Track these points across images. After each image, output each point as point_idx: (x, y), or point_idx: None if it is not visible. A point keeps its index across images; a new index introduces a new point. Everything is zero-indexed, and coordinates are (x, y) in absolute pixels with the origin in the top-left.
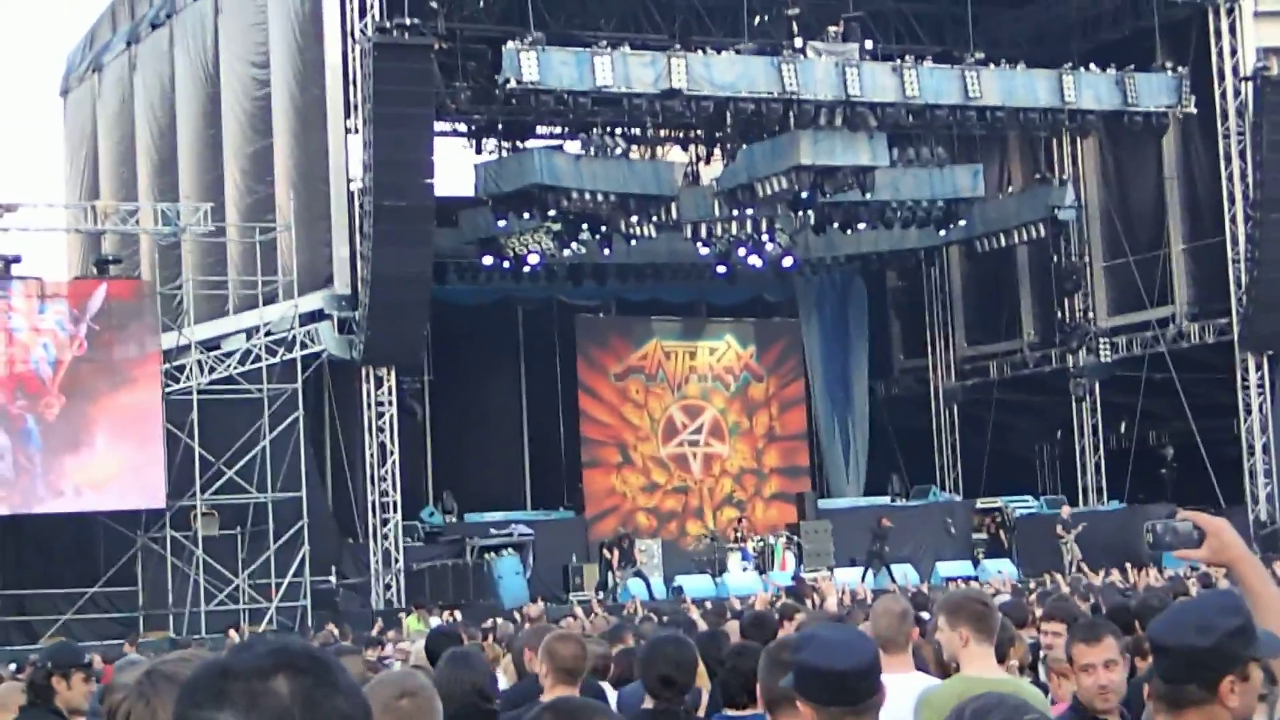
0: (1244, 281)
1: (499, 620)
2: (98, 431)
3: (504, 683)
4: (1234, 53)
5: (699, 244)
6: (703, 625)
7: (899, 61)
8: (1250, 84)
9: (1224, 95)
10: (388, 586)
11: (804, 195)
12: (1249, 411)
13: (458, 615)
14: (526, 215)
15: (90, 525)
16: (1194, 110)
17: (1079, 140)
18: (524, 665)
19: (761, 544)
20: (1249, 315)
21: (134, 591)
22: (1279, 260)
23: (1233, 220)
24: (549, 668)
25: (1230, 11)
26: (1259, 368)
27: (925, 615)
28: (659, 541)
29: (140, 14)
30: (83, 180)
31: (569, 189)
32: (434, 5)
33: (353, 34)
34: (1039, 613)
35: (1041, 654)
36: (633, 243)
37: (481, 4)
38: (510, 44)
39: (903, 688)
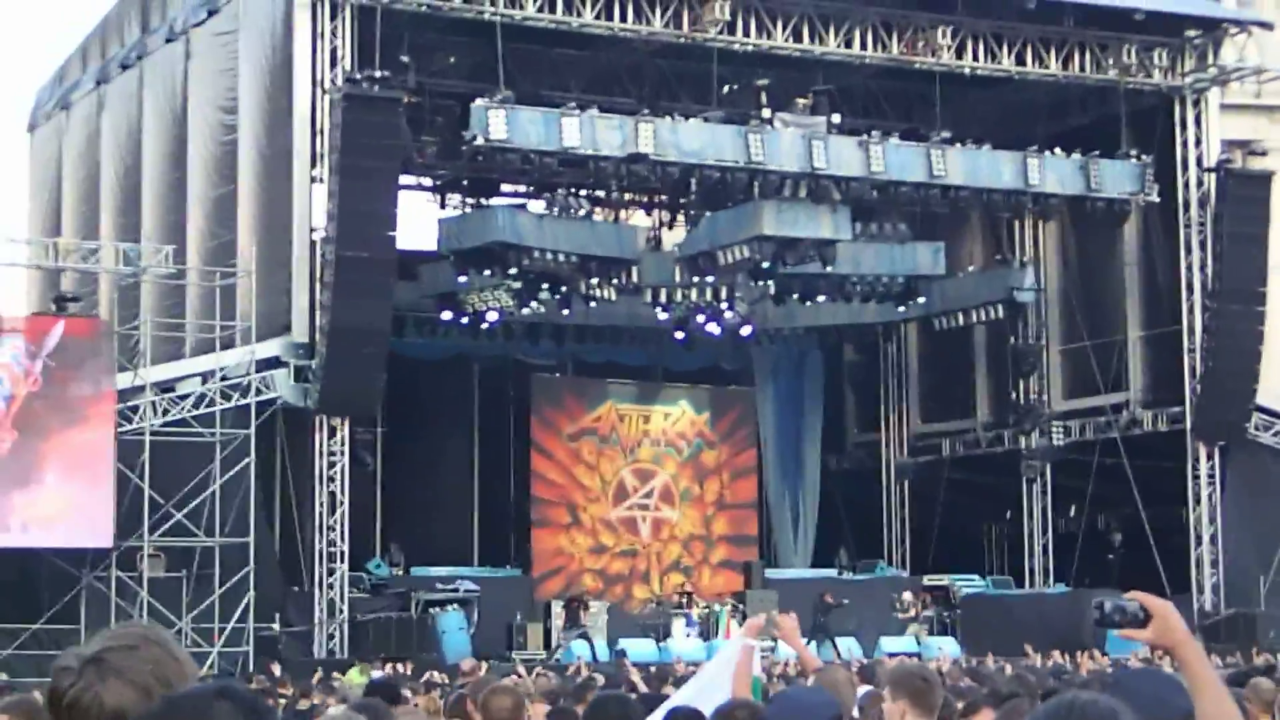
0: (1199, 371)
1: (435, 674)
2: (48, 468)
3: None
4: (1198, 143)
5: (658, 309)
6: (643, 688)
7: (865, 136)
8: (1214, 175)
9: (1187, 185)
10: (331, 636)
11: (765, 265)
12: (1198, 500)
13: (400, 668)
14: (487, 272)
15: (35, 562)
16: (1156, 199)
17: (1040, 223)
18: (467, 717)
19: (707, 611)
20: (1202, 405)
21: (76, 630)
22: (1234, 351)
23: (1190, 310)
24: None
25: (1196, 103)
26: (1210, 457)
27: (870, 688)
28: (604, 604)
29: (111, 54)
30: (45, 217)
31: (531, 248)
32: (405, 59)
33: (322, 84)
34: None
35: None
36: (592, 304)
37: (452, 60)
38: (479, 101)
39: None
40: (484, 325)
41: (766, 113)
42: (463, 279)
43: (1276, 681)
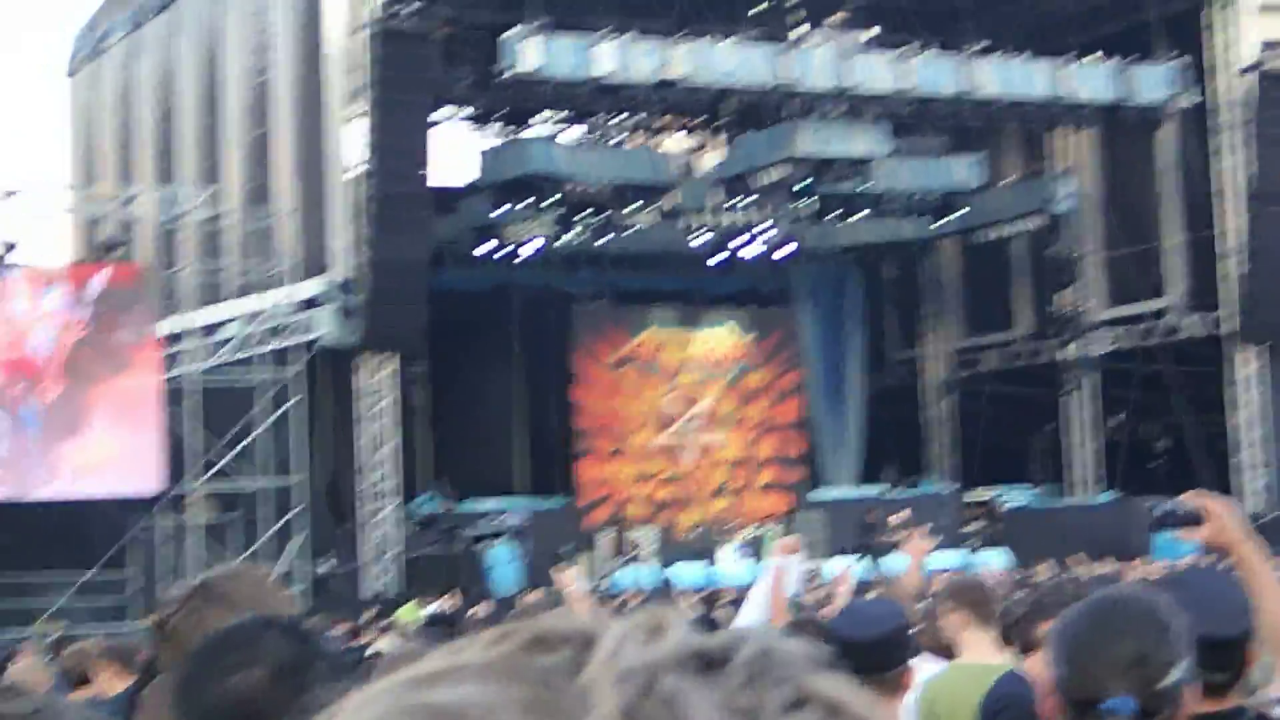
0: (1240, 275)
1: (483, 606)
2: (95, 416)
3: None
4: (1232, 45)
5: (696, 233)
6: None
7: (898, 51)
8: (1252, 76)
9: (1222, 89)
10: (383, 573)
11: (802, 185)
12: (1241, 405)
13: (454, 601)
14: (525, 203)
15: (86, 509)
16: (1194, 102)
17: (1077, 131)
18: None
19: (755, 534)
20: (1246, 308)
21: (128, 578)
22: (1274, 254)
23: (1226, 214)
24: None
25: (1229, 4)
26: (1259, 359)
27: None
28: (652, 530)
29: (143, 1)
30: (84, 164)
31: (567, 177)
32: None
33: (356, 20)
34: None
35: None
36: (630, 231)
37: None
38: (509, 33)
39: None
40: (523, 257)
41: (802, 29)
42: (500, 211)
43: None
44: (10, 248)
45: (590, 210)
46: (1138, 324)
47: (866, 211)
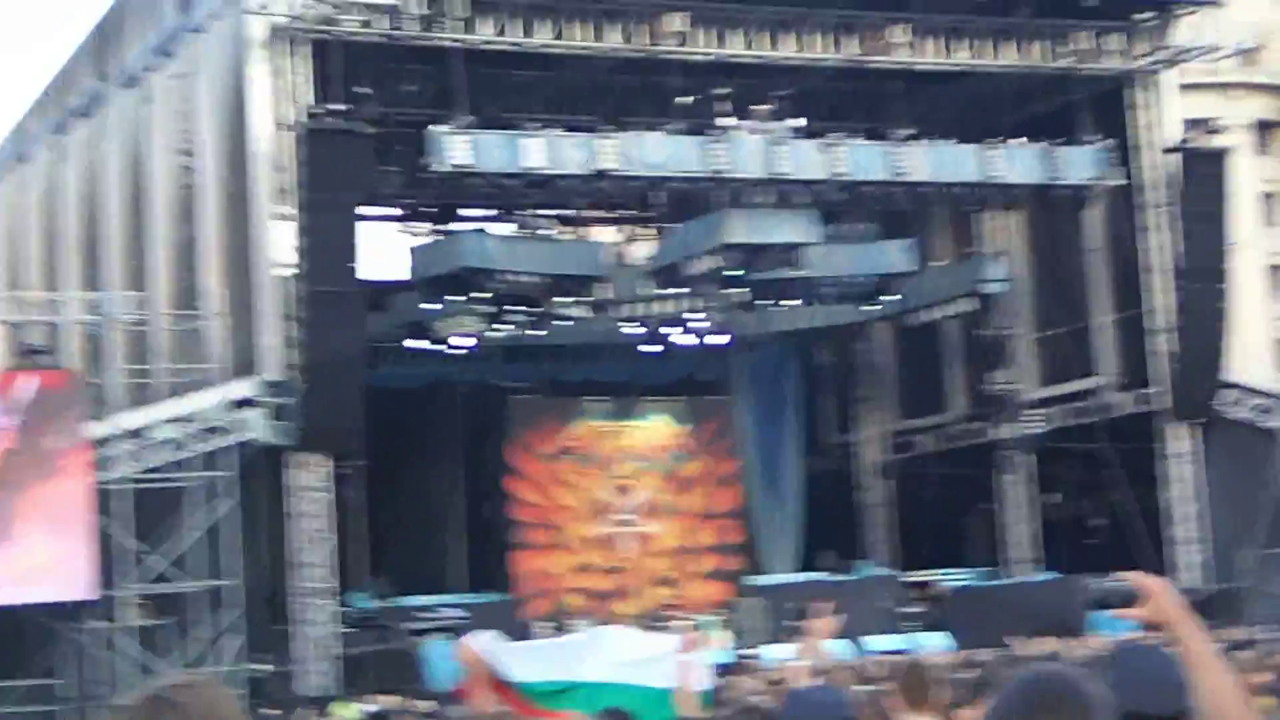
0: (1168, 352)
1: (418, 703)
2: (26, 523)
3: None
4: (1156, 125)
5: (630, 324)
6: None
7: (828, 139)
8: (1175, 156)
9: (1147, 167)
10: (319, 672)
11: (735, 273)
12: (1175, 480)
13: (390, 700)
14: (458, 297)
15: (17, 617)
16: (1121, 182)
17: (1006, 213)
18: None
19: (694, 622)
20: (1174, 385)
21: (63, 684)
22: (1201, 329)
23: (1153, 291)
24: None
25: (1154, 86)
26: (1189, 437)
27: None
28: (592, 621)
29: (69, 104)
30: (9, 271)
31: (499, 271)
32: (364, 90)
33: (283, 121)
34: None
35: None
36: (564, 323)
37: (413, 88)
38: (434, 128)
39: None
40: (458, 351)
41: (728, 121)
42: (433, 306)
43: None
44: None
45: (523, 303)
46: (1070, 403)
47: (799, 299)
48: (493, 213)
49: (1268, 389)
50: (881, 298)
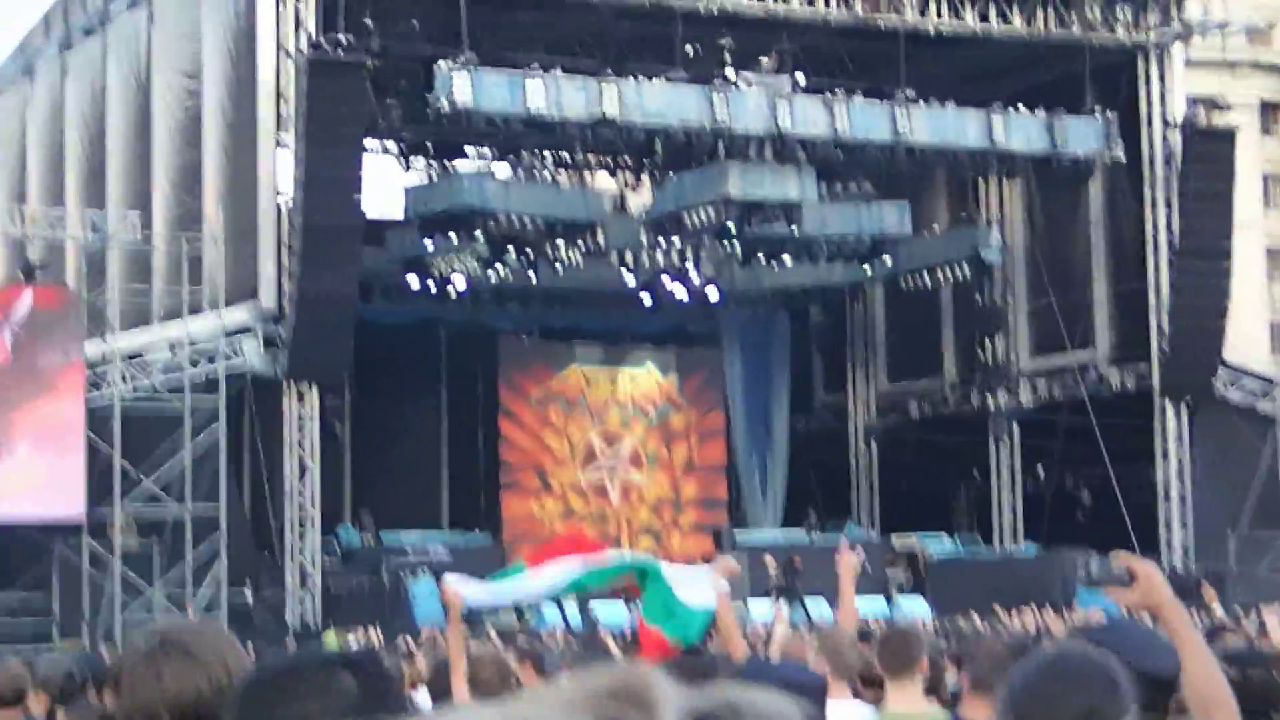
0: (1166, 329)
1: (407, 639)
2: (18, 439)
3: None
4: (1163, 100)
5: (624, 271)
6: (619, 656)
7: (830, 95)
8: (1179, 132)
9: (1151, 142)
10: (302, 603)
11: (731, 227)
12: (1165, 458)
13: (376, 634)
14: (454, 237)
15: (6, 533)
16: (1122, 156)
17: (1006, 181)
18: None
19: None
20: (1169, 363)
21: (49, 600)
22: (1200, 309)
23: (1155, 267)
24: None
25: (1160, 59)
26: (1177, 415)
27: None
28: None
29: (74, 20)
30: (10, 186)
31: (497, 212)
32: (368, 23)
33: (286, 49)
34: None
35: None
36: (558, 268)
37: (415, 23)
38: (442, 63)
39: (843, 714)
40: (451, 291)
41: (730, 73)
42: (429, 244)
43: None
44: None
45: (518, 246)
46: (1064, 375)
47: (793, 256)
48: (491, 153)
49: (1262, 372)
50: (876, 259)
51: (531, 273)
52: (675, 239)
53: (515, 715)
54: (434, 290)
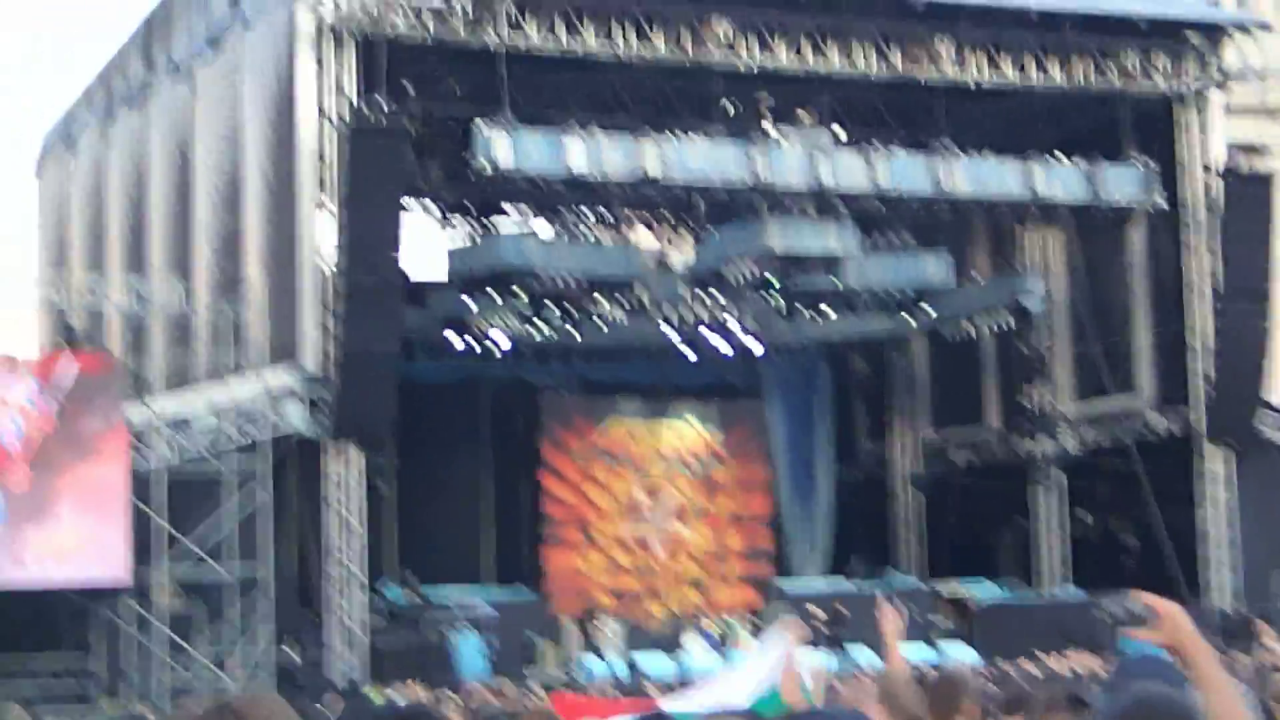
0: (1208, 374)
1: (449, 692)
2: (62, 504)
3: None
4: (1202, 146)
5: (666, 326)
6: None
7: (869, 147)
8: (1219, 177)
9: (1191, 188)
10: (347, 661)
11: (773, 281)
12: (1209, 501)
13: (421, 691)
14: (495, 296)
15: (53, 597)
16: (1164, 204)
17: (1046, 230)
18: None
19: (724, 625)
20: (1213, 407)
21: (93, 663)
22: (1241, 352)
23: (1195, 312)
24: None
25: (1199, 107)
26: (1223, 459)
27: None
28: (620, 621)
29: (116, 93)
30: (53, 256)
31: (538, 271)
32: (407, 85)
33: (327, 114)
34: None
35: None
36: (600, 324)
37: (455, 85)
38: (480, 122)
39: None
40: (493, 348)
41: (770, 128)
42: (470, 303)
43: None
44: None
45: (560, 303)
46: (1106, 421)
47: (835, 308)
48: (531, 211)
49: None
50: (917, 309)
51: (573, 329)
52: (716, 293)
53: None
54: (476, 348)
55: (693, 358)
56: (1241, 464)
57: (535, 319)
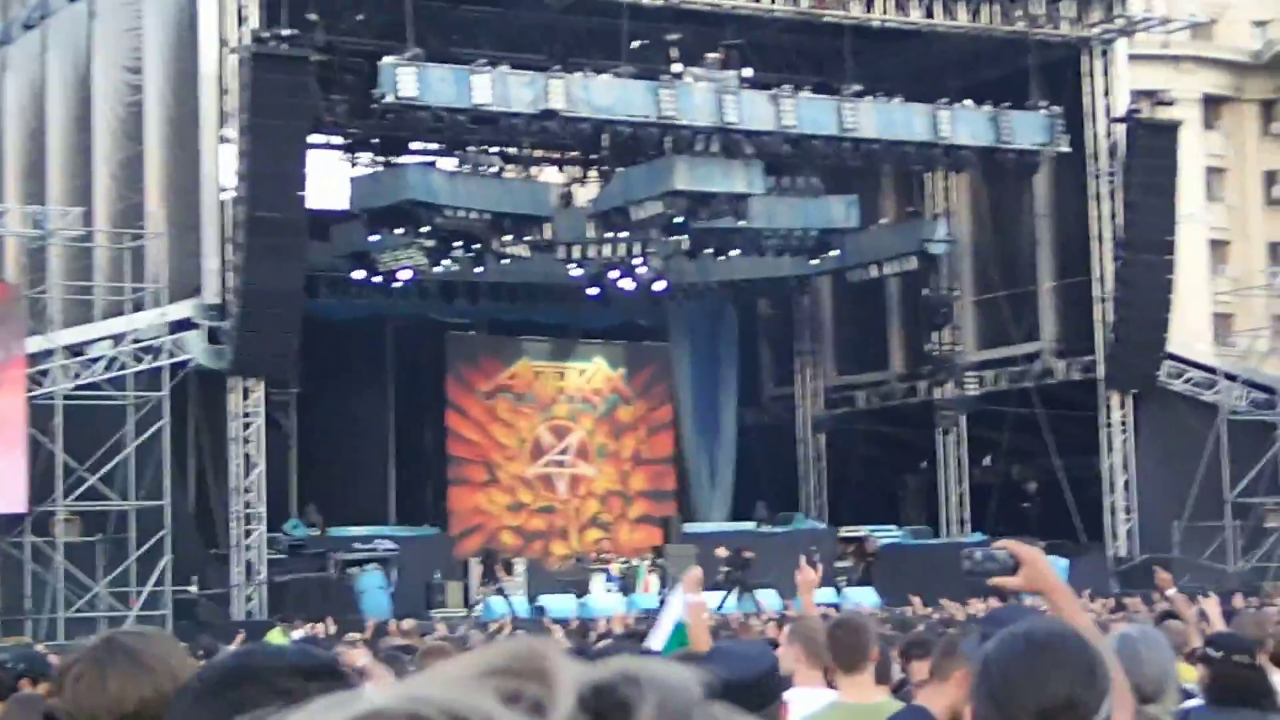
0: (1110, 321)
1: (355, 635)
2: None
3: None
4: (1107, 94)
5: (572, 266)
6: (565, 644)
7: (777, 90)
8: (1123, 126)
9: (1096, 136)
10: (249, 598)
11: (678, 220)
12: (1110, 448)
13: (323, 628)
14: (400, 231)
15: None
16: (1067, 149)
17: (952, 175)
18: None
19: (626, 566)
20: (1114, 354)
21: None
22: (1145, 301)
23: (1100, 260)
24: None
25: (1104, 54)
26: (1122, 406)
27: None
28: (524, 561)
29: (13, 14)
30: None
31: (443, 206)
32: (312, 18)
33: (229, 43)
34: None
35: None
36: (505, 262)
37: (360, 18)
38: (387, 59)
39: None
40: (397, 285)
41: (677, 68)
42: (375, 238)
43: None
44: None
45: (466, 240)
46: (1011, 367)
47: (741, 250)
48: (438, 147)
49: (1206, 363)
50: (824, 253)
51: (478, 267)
52: (623, 233)
53: (411, 693)
54: (380, 284)
55: (598, 298)
56: (1142, 413)
57: (441, 255)
